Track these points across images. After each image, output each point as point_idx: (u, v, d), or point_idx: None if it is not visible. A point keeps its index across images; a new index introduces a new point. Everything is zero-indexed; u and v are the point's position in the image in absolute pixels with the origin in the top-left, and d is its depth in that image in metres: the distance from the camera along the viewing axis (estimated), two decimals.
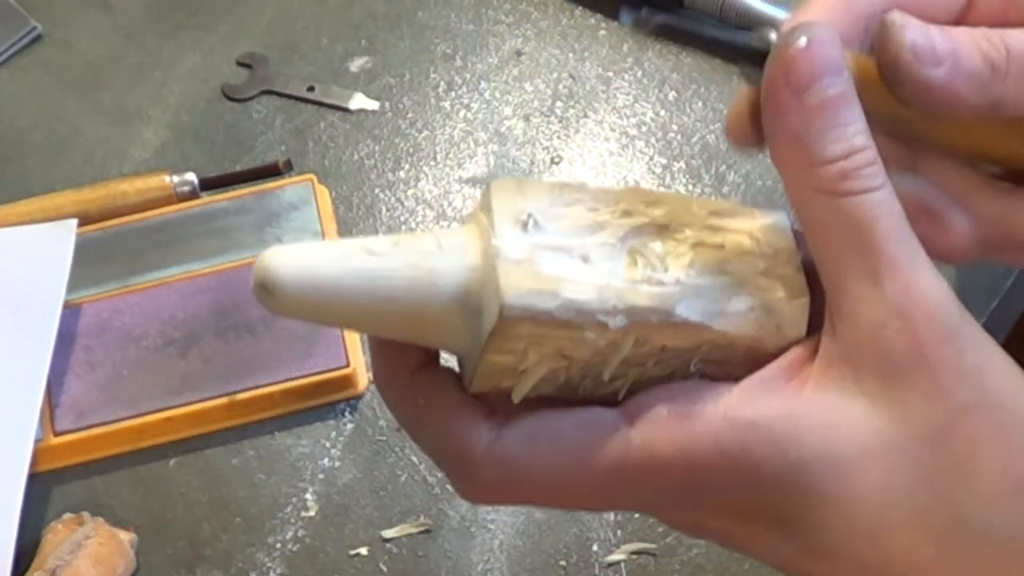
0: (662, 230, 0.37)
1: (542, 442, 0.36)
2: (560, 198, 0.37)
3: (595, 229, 0.37)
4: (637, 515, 0.67)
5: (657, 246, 0.37)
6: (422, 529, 0.68)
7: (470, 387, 0.38)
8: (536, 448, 0.36)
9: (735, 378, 0.37)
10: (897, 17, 0.36)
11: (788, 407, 0.35)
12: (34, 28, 0.90)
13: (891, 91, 0.37)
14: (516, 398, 0.37)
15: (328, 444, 0.71)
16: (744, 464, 0.35)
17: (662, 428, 0.36)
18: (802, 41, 0.35)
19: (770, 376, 0.36)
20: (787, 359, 0.37)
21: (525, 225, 0.36)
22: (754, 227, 0.38)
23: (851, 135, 0.35)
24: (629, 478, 0.36)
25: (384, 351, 0.39)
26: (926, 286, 0.34)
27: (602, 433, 0.36)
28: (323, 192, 0.79)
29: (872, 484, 0.34)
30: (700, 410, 0.36)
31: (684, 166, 0.80)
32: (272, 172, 0.79)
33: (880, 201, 0.35)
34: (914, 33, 0.36)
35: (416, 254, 0.36)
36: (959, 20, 0.40)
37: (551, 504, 0.39)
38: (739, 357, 0.37)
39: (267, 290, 0.35)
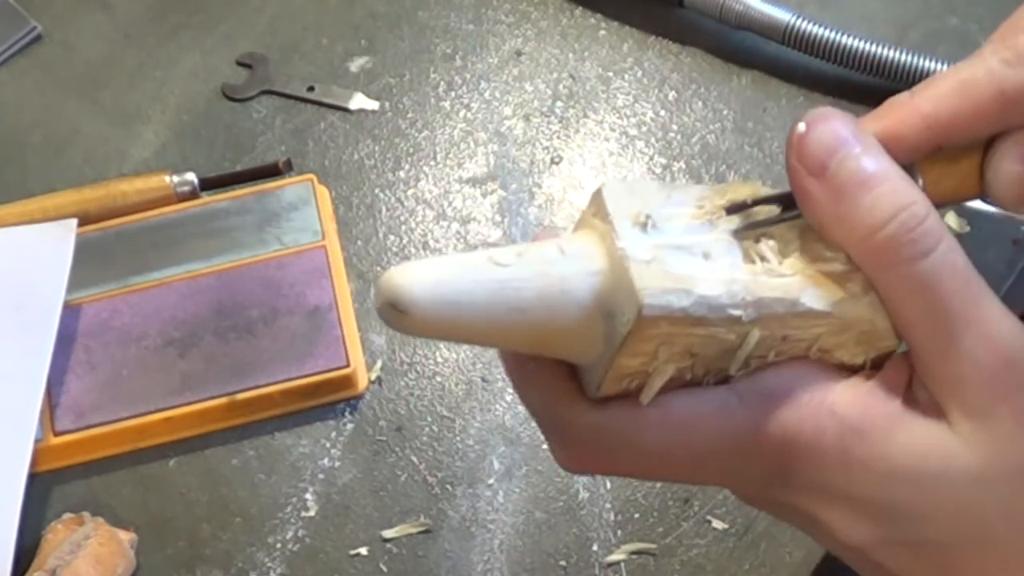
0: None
1: (651, 410, 0.37)
2: (669, 197, 0.38)
3: (708, 226, 0.37)
4: (637, 515, 0.67)
5: (769, 239, 0.37)
6: (422, 529, 0.68)
7: (598, 392, 0.38)
8: (645, 415, 0.37)
9: (846, 364, 0.38)
10: None
11: (890, 421, 0.36)
12: (34, 28, 0.90)
13: None
14: (645, 399, 0.37)
15: (328, 444, 0.71)
16: (837, 459, 0.36)
17: (770, 407, 0.37)
18: (801, 127, 0.36)
19: (876, 386, 0.37)
20: (888, 376, 0.37)
21: (644, 226, 0.36)
22: None
23: (889, 195, 0.35)
24: (730, 450, 0.37)
25: None
26: (1000, 336, 0.35)
27: (711, 405, 0.37)
28: (323, 192, 0.79)
29: (951, 507, 0.35)
30: (809, 397, 0.37)
31: (684, 166, 0.80)
32: (272, 172, 0.79)
33: (940, 262, 0.35)
34: None
35: (542, 262, 0.36)
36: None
37: (648, 474, 0.39)
38: (851, 343, 0.38)
39: (399, 310, 0.34)
